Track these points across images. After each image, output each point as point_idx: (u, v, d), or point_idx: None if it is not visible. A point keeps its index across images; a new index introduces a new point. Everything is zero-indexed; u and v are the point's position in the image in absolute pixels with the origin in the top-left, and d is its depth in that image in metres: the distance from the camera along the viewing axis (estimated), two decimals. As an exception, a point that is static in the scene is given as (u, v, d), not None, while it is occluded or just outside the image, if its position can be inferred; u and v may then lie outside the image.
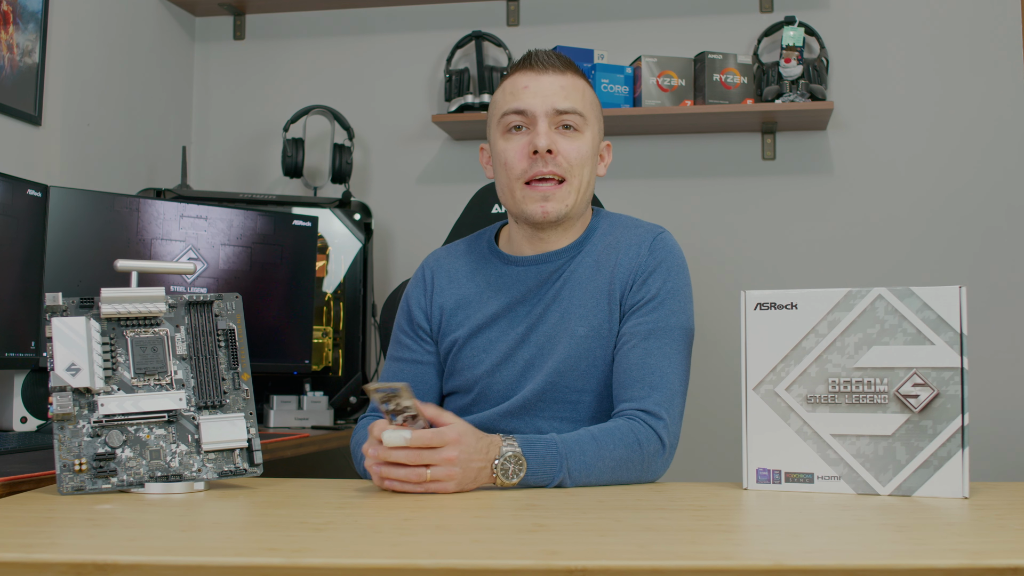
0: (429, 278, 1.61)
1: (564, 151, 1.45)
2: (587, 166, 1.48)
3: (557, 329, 1.49)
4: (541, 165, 1.44)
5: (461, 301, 1.56)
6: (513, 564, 0.83)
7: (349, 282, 2.68)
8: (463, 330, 1.55)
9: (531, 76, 1.47)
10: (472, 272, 1.58)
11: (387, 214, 3.00)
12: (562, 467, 1.27)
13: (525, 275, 1.53)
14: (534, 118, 1.45)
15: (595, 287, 1.49)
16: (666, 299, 1.46)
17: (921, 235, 2.79)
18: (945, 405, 1.19)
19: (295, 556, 0.84)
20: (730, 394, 1.82)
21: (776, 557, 0.84)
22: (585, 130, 1.48)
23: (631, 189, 2.91)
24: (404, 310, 1.62)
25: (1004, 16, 2.78)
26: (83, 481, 1.19)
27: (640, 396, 1.41)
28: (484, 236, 1.63)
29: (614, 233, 1.54)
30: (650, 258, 1.49)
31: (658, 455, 1.37)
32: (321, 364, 2.63)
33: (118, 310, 1.24)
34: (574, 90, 1.48)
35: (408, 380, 1.55)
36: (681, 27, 2.92)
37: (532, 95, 1.46)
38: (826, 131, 2.85)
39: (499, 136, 1.49)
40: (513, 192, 1.48)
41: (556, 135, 1.45)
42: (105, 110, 2.64)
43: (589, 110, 1.49)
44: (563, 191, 1.46)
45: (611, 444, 1.33)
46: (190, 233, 2.19)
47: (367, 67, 3.07)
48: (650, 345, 1.44)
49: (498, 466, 1.24)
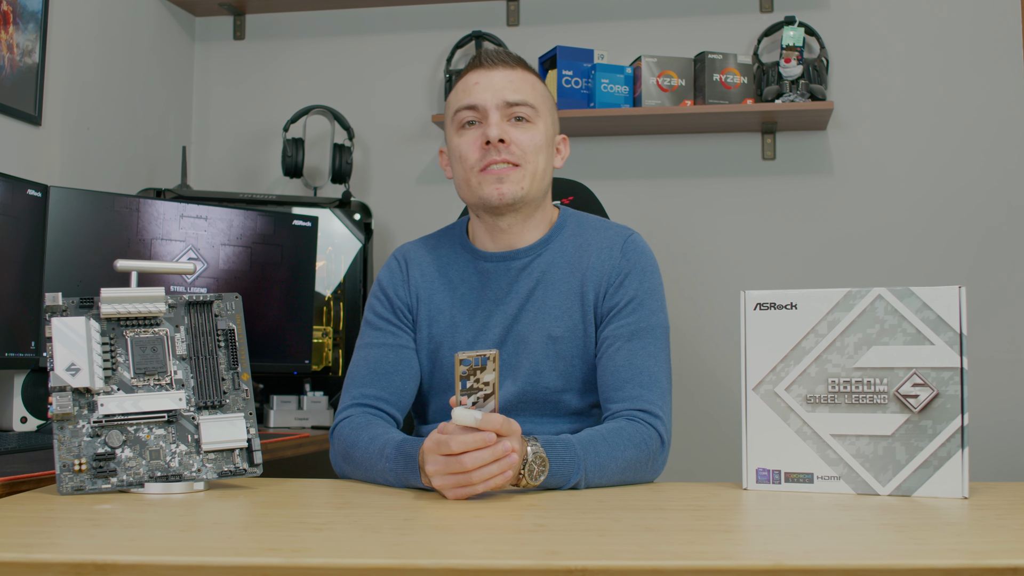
0: (404, 267, 1.59)
1: (516, 140, 1.48)
2: (541, 154, 1.50)
3: (532, 329, 1.50)
4: (495, 154, 1.47)
5: (434, 294, 1.56)
6: (513, 564, 0.83)
7: (349, 282, 2.68)
8: (438, 327, 1.54)
9: (481, 73, 1.51)
10: (444, 266, 1.58)
11: (387, 214, 3.00)
12: (580, 468, 1.27)
13: (495, 271, 1.54)
14: (486, 112, 1.48)
15: (568, 288, 1.51)
16: (644, 300, 1.49)
17: (921, 235, 2.79)
18: (945, 405, 1.19)
19: (295, 556, 0.84)
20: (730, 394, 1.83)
21: (776, 557, 0.84)
22: (537, 121, 1.51)
23: (631, 189, 2.91)
24: (380, 297, 1.58)
25: (1004, 16, 2.78)
26: (83, 481, 1.19)
27: (634, 396, 1.42)
28: (454, 230, 1.63)
29: (583, 234, 1.56)
30: (623, 261, 1.51)
31: (660, 453, 1.39)
32: (321, 364, 2.63)
33: (118, 310, 1.24)
34: (524, 83, 1.51)
35: (396, 367, 1.52)
36: (681, 27, 2.92)
37: (483, 90, 1.49)
38: (826, 131, 2.85)
39: (454, 133, 1.52)
40: (469, 181, 1.50)
41: (508, 126, 1.48)
42: (105, 110, 2.64)
43: (540, 102, 1.52)
44: (517, 174, 1.48)
45: (622, 445, 1.33)
46: (190, 233, 2.19)
47: (367, 67, 3.07)
48: (635, 346, 1.46)
49: (525, 466, 1.21)
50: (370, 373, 1.51)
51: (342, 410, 1.50)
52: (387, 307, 1.57)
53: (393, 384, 1.51)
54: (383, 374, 1.51)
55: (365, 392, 1.50)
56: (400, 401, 1.52)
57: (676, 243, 2.86)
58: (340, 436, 1.45)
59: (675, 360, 2.86)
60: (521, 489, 1.24)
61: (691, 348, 2.84)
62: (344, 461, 1.43)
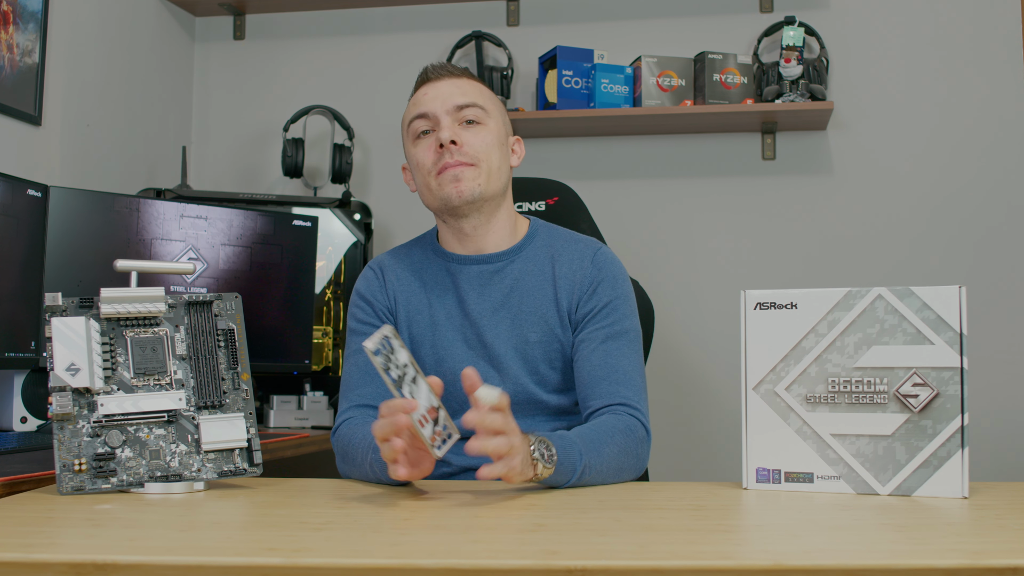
0: (380, 274, 1.62)
1: (468, 141, 1.51)
2: (494, 152, 1.53)
3: (510, 335, 1.53)
4: (448, 156, 1.50)
5: (411, 296, 1.58)
6: (513, 564, 0.83)
7: (349, 282, 2.68)
8: (417, 326, 1.56)
9: (429, 85, 1.56)
10: (418, 269, 1.60)
11: (387, 214, 3.00)
12: (580, 453, 1.27)
13: (467, 272, 1.57)
14: (437, 118, 1.52)
15: (542, 295, 1.55)
16: (618, 305, 1.54)
17: (921, 235, 2.79)
18: (945, 405, 1.19)
19: (295, 556, 0.84)
20: (730, 394, 1.83)
21: (776, 557, 0.84)
22: (487, 121, 1.54)
23: (631, 189, 2.91)
24: (361, 304, 1.59)
25: (1004, 16, 2.78)
26: (83, 481, 1.19)
27: (611, 392, 1.46)
28: (425, 238, 1.66)
29: (555, 245, 1.59)
30: (594, 270, 1.56)
31: (645, 442, 1.43)
32: (321, 364, 2.63)
33: (118, 310, 1.24)
34: (471, 88, 1.55)
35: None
36: (681, 27, 2.92)
37: (431, 99, 1.53)
38: (826, 131, 2.85)
39: (410, 145, 1.56)
40: (429, 185, 1.53)
41: (459, 129, 1.52)
42: (105, 110, 2.64)
43: (489, 103, 1.56)
44: (472, 172, 1.51)
45: (610, 432, 1.36)
46: (190, 233, 2.19)
47: (367, 67, 3.07)
48: (609, 347, 1.50)
49: (535, 450, 1.21)
50: (363, 376, 1.52)
51: (342, 413, 1.52)
52: (369, 311, 1.59)
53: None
54: (376, 374, 1.51)
55: (362, 393, 1.52)
56: None
57: (676, 243, 2.86)
58: (340, 438, 1.46)
59: (675, 360, 2.87)
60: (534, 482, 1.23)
61: (691, 348, 2.84)
62: (343, 461, 1.45)
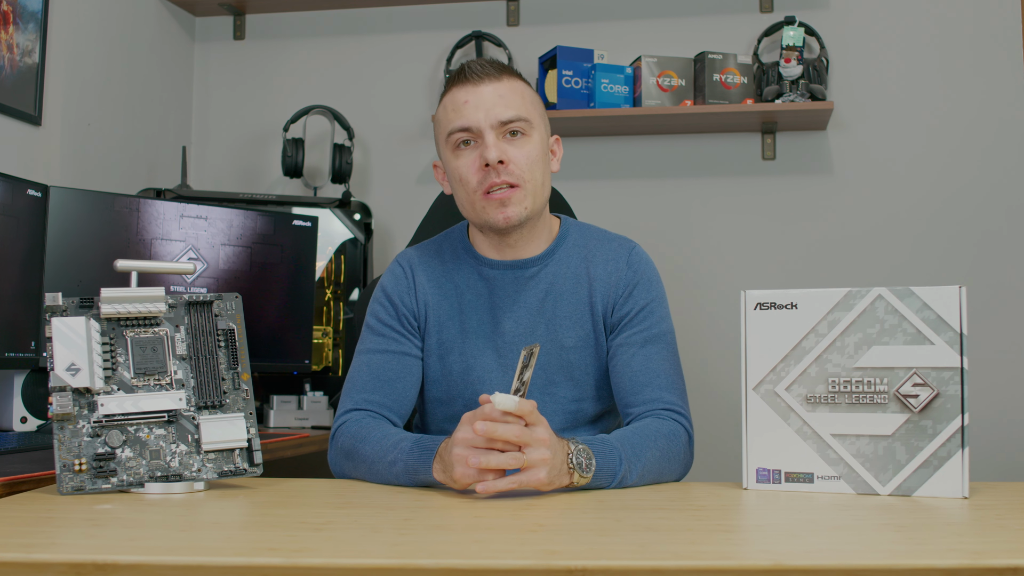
0: (409, 273, 1.58)
1: (514, 159, 1.46)
2: (538, 168, 1.49)
3: (545, 339, 1.51)
4: (494, 176, 1.45)
5: (442, 301, 1.55)
6: (513, 564, 0.83)
7: (349, 282, 2.68)
8: (448, 332, 1.54)
9: (468, 89, 1.47)
10: (450, 271, 1.57)
11: (387, 214, 3.00)
12: (621, 459, 1.28)
13: (502, 278, 1.54)
14: (480, 132, 1.45)
15: (577, 298, 1.53)
16: (654, 308, 1.53)
17: (921, 235, 2.79)
18: (945, 405, 1.19)
19: (295, 556, 0.84)
20: (730, 394, 1.82)
21: (776, 557, 0.84)
22: (532, 133, 1.48)
23: (631, 189, 2.91)
24: (385, 303, 1.56)
25: (1004, 16, 2.78)
26: (83, 481, 1.19)
27: (655, 398, 1.45)
28: (454, 235, 1.62)
29: (587, 245, 1.57)
30: (630, 272, 1.54)
31: (688, 446, 1.42)
32: (321, 364, 2.63)
33: (118, 310, 1.24)
34: (513, 95, 1.47)
35: (399, 374, 1.51)
36: (681, 27, 2.92)
37: (474, 109, 1.45)
38: (826, 131, 2.85)
39: (450, 154, 1.50)
40: (473, 205, 1.49)
41: (504, 144, 1.46)
42: (105, 110, 2.64)
43: (532, 112, 1.49)
44: (519, 195, 1.46)
45: (652, 436, 1.36)
46: (190, 233, 2.19)
47: (367, 67, 3.07)
48: (649, 351, 1.49)
49: (572, 459, 1.22)
50: (372, 379, 1.50)
51: (344, 412, 1.48)
52: (391, 314, 1.55)
53: (395, 391, 1.50)
54: (386, 380, 1.50)
55: (368, 398, 1.48)
56: (401, 408, 1.51)
57: (676, 243, 2.86)
58: (346, 433, 1.42)
59: (675, 360, 2.86)
60: (571, 488, 1.23)
61: (691, 348, 2.84)
62: (346, 458, 1.41)
